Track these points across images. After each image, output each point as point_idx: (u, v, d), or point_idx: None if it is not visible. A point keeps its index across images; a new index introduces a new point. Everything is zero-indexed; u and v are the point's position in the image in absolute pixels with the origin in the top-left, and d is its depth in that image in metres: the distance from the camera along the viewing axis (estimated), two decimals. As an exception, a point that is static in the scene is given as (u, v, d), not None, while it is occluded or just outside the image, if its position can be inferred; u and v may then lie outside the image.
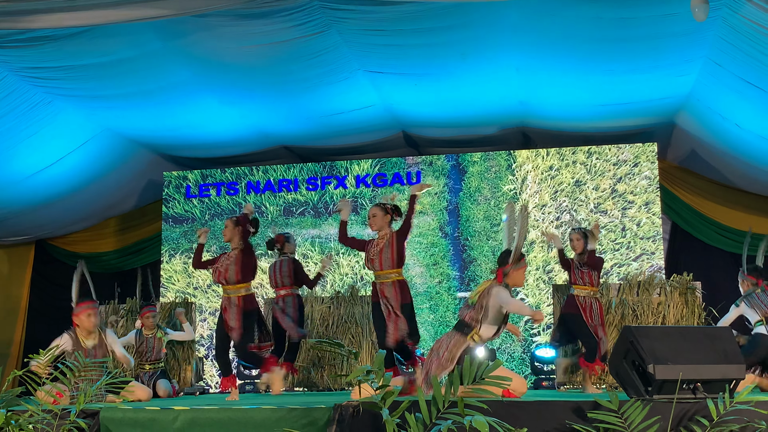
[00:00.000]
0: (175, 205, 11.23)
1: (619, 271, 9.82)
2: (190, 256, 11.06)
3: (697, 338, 4.68)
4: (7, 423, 4.53)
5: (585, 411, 4.32)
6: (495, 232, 10.32)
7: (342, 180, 10.88)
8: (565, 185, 10.26)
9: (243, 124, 9.79)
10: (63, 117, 8.83)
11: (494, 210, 10.41)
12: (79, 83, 8.09)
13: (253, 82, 8.53)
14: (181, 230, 11.15)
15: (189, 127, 9.73)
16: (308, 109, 9.31)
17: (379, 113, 9.52)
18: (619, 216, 10.04)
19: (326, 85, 8.60)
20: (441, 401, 3.92)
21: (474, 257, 10.34)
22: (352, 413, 4.45)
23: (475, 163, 10.58)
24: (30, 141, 8.88)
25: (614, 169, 10.15)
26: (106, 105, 8.79)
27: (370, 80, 8.56)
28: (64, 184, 10.09)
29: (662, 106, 9.05)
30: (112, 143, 9.94)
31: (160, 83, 8.32)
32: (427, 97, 8.99)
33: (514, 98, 9.03)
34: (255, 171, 11.13)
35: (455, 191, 10.58)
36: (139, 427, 4.71)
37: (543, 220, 10.24)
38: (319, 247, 10.71)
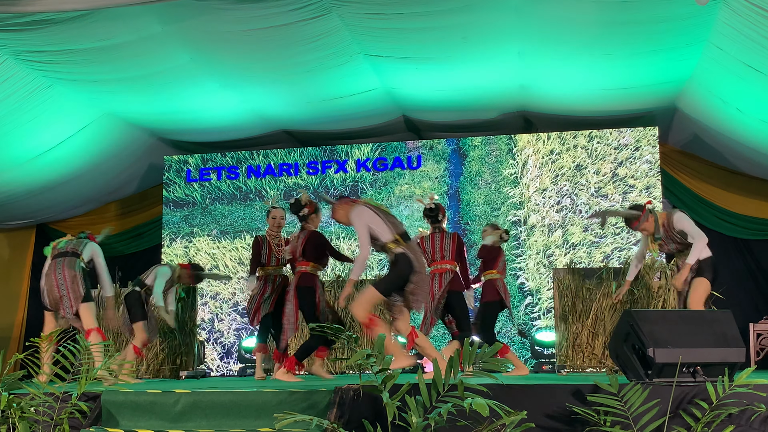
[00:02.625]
0: (176, 189, 11.23)
1: (620, 256, 9.83)
2: (190, 240, 11.08)
3: (696, 322, 4.69)
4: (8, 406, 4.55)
5: (585, 394, 4.33)
6: (495, 217, 10.32)
7: (342, 164, 10.87)
8: (566, 169, 10.25)
9: (243, 109, 9.77)
10: (63, 101, 8.81)
11: (495, 194, 10.41)
12: (79, 67, 8.06)
13: (253, 66, 8.50)
14: (181, 214, 11.16)
15: (189, 111, 9.72)
16: (308, 93, 9.29)
17: (379, 97, 9.50)
18: (620, 200, 10.04)
19: (327, 69, 8.58)
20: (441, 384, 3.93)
21: (475, 241, 10.34)
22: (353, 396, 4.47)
23: (476, 147, 10.58)
24: (30, 125, 8.86)
25: (615, 153, 10.14)
26: (106, 89, 8.77)
27: (371, 64, 8.54)
28: (64, 168, 10.09)
29: (663, 90, 9.03)
30: (113, 127, 9.93)
31: (160, 67, 8.30)
32: (427, 81, 8.97)
33: (515, 82, 9.01)
34: (255, 155, 11.12)
35: (456, 175, 10.57)
36: (140, 410, 4.72)
37: (544, 204, 10.23)
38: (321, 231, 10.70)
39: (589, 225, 10.05)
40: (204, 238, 11.07)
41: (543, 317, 9.96)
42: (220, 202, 11.14)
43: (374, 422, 4.15)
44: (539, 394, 4.47)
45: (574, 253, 10.01)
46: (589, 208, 10.09)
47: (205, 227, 11.11)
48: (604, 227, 7.88)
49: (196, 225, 11.15)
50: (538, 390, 4.50)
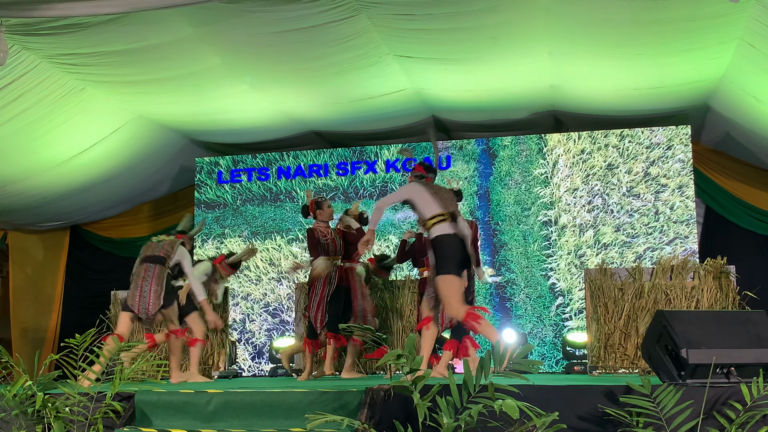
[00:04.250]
0: (207, 191, 11.32)
1: (652, 255, 9.75)
2: (222, 241, 11.16)
3: (730, 322, 4.65)
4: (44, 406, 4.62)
5: (617, 395, 4.31)
6: (526, 217, 10.28)
7: (372, 165, 10.89)
8: (597, 169, 10.19)
9: (273, 110, 9.82)
10: (96, 103, 8.91)
11: (525, 194, 10.37)
12: (112, 69, 8.14)
13: (283, 68, 8.54)
14: (213, 215, 11.25)
15: (220, 112, 9.78)
16: (338, 94, 9.31)
17: (409, 98, 9.50)
18: (652, 200, 9.96)
19: (356, 70, 8.59)
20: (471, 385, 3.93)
21: (505, 242, 10.31)
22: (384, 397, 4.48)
23: (506, 147, 10.54)
24: (63, 128, 8.97)
25: (647, 153, 10.05)
26: (138, 91, 8.85)
27: (400, 65, 8.54)
28: (97, 170, 10.20)
29: (695, 88, 8.94)
30: (145, 129, 10.02)
31: (191, 69, 8.36)
32: (457, 82, 8.95)
33: (546, 82, 8.96)
34: (285, 156, 11.18)
35: (485, 176, 10.55)
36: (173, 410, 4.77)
37: (575, 204, 10.18)
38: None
39: (620, 225, 9.99)
40: (235, 239, 11.14)
41: (574, 318, 9.90)
42: (251, 203, 11.21)
43: (405, 423, 4.16)
44: (571, 395, 4.45)
45: (606, 253, 9.94)
46: (620, 208, 10.02)
47: (236, 228, 11.19)
48: None
49: (228, 226, 11.23)
50: (569, 391, 4.48)
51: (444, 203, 5.84)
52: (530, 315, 10.07)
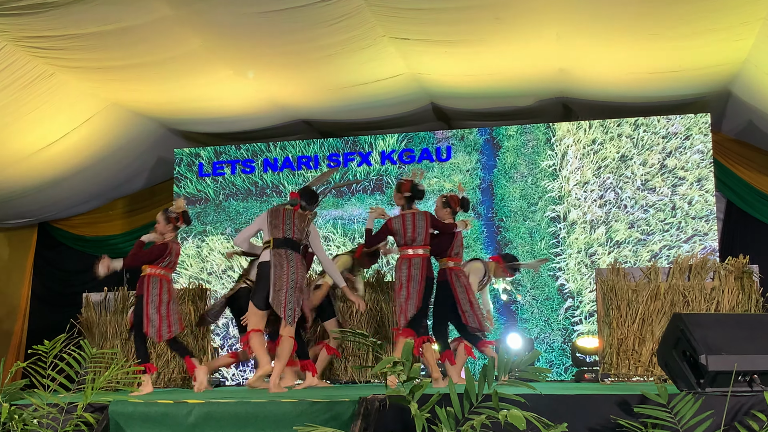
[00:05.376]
0: (187, 185, 11.31)
1: (669, 254, 9.76)
2: (203, 239, 11.15)
3: (753, 326, 4.65)
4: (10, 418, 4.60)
5: (631, 405, 4.31)
6: (532, 212, 10.28)
7: (366, 156, 10.88)
8: (609, 160, 10.20)
9: (259, 97, 9.80)
10: (66, 90, 8.89)
11: (531, 188, 10.37)
12: (83, 53, 8.13)
13: (270, 52, 8.53)
14: (193, 211, 11.22)
15: (201, 100, 9.77)
16: (329, 79, 9.30)
17: (406, 84, 9.50)
18: (668, 194, 9.97)
19: (348, 54, 8.58)
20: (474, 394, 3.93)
21: (510, 239, 10.32)
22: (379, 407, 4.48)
23: (511, 137, 10.54)
24: (31, 117, 8.95)
25: (663, 143, 10.06)
26: (112, 77, 8.84)
27: (396, 47, 8.53)
28: (67, 162, 10.18)
29: (716, 73, 8.95)
30: (119, 118, 10.00)
31: (170, 53, 8.34)
32: (458, 66, 8.95)
33: (554, 66, 8.97)
34: (272, 147, 11.16)
35: (489, 168, 10.55)
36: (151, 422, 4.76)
37: (585, 199, 10.18)
38: (342, 229, 10.74)
39: (635, 221, 10.00)
40: (218, 236, 11.13)
41: (585, 322, 9.91)
42: (235, 198, 11.19)
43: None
44: (581, 404, 4.46)
45: (619, 251, 9.95)
46: (634, 203, 10.03)
47: (219, 225, 11.18)
48: None
49: (209, 223, 11.21)
50: (579, 400, 4.49)
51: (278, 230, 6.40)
52: (537, 319, 10.08)
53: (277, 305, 6.22)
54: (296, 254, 6.34)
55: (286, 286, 6.22)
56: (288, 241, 6.33)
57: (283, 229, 6.37)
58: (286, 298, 6.21)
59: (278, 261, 6.25)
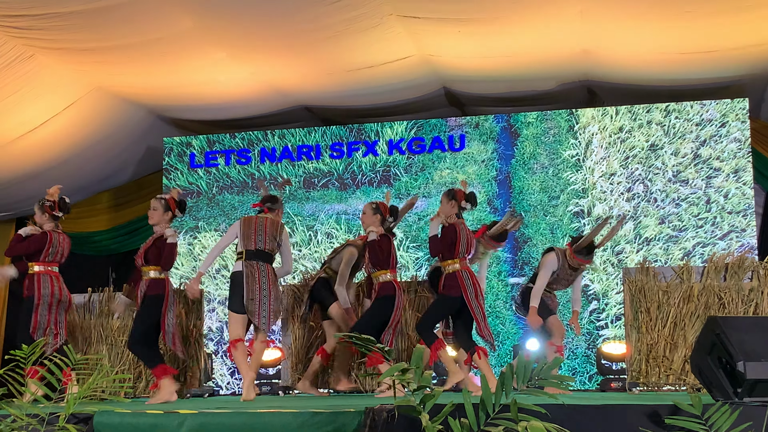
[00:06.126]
0: (178, 176, 11.32)
1: (703, 252, 9.74)
2: (195, 235, 11.16)
3: (796, 331, 4.64)
4: (-14, 429, 4.62)
5: (662, 416, 4.30)
6: (554, 207, 10.27)
7: (372, 146, 10.88)
8: (637, 150, 10.18)
9: (255, 82, 9.81)
10: (46, 74, 8.90)
11: (553, 180, 10.36)
12: (65, 34, 8.14)
13: (267, 32, 8.53)
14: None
15: (193, 84, 9.78)
16: (332, 62, 9.30)
17: (415, 66, 9.49)
18: (702, 186, 9.95)
19: (353, 34, 8.58)
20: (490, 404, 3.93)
21: (529, 236, 10.31)
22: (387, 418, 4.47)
23: (530, 124, 10.53)
24: (8, 102, 8.96)
25: (697, 131, 10.04)
26: (97, 59, 8.85)
27: (405, 27, 8.52)
28: (48, 152, 10.20)
29: (755, 53, 8.93)
30: (104, 104, 10.02)
31: (159, 34, 8.35)
32: (472, 47, 8.94)
33: (577, 47, 8.95)
34: (270, 136, 11.17)
35: (506, 158, 10.54)
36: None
37: (611, 191, 10.16)
38: (346, 225, 10.75)
39: (666, 216, 9.98)
40: (211, 233, 11.14)
41: (611, 326, 9.90)
42: (230, 191, 11.20)
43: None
44: (608, 416, 4.45)
45: (649, 249, 9.94)
46: (665, 196, 10.00)
47: (212, 220, 11.19)
48: None
49: (202, 218, 11.23)
50: (606, 411, 4.48)
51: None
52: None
53: (251, 313, 6.69)
54: (268, 265, 6.80)
55: (259, 295, 6.70)
56: (260, 252, 6.76)
57: (255, 240, 6.78)
58: (259, 306, 6.69)
59: (250, 271, 6.72)
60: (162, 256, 6.73)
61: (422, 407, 3.96)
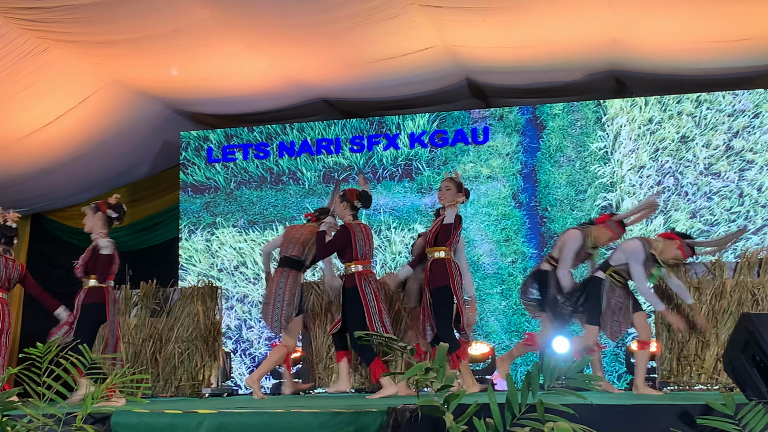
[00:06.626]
0: (195, 171, 11.36)
1: (736, 247, 9.69)
2: (212, 231, 11.20)
3: (833, 328, 4.61)
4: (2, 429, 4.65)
5: (693, 416, 4.29)
6: (581, 201, 10.23)
7: (393, 139, 10.88)
8: (668, 142, 10.13)
9: (274, 74, 9.83)
10: (61, 67, 8.95)
11: (580, 174, 10.32)
12: (80, 26, 8.18)
13: (286, 23, 8.54)
14: (202, 201, 11.29)
15: (210, 77, 9.81)
16: (352, 54, 9.31)
17: (437, 57, 9.48)
18: (735, 179, 9.90)
19: (373, 25, 8.58)
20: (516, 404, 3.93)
21: (555, 231, 10.28)
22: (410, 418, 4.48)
23: (556, 116, 10.50)
24: (22, 96, 9.02)
25: (729, 122, 9.99)
26: (112, 52, 8.89)
27: (427, 17, 8.52)
28: (63, 147, 10.26)
29: (790, 42, 8.87)
30: (120, 98, 10.07)
31: (175, 25, 8.38)
32: (496, 37, 8.93)
33: (605, 35, 8.92)
34: (289, 130, 11.19)
35: (531, 151, 10.51)
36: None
37: (641, 185, 10.12)
38: (367, 220, 10.75)
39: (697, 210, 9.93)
40: (229, 229, 11.18)
41: (640, 323, 9.86)
42: (248, 185, 11.23)
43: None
44: (638, 416, 4.44)
45: (679, 244, 9.89)
46: (696, 190, 9.95)
47: (230, 216, 11.22)
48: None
49: (220, 214, 11.26)
50: (636, 411, 4.47)
51: None
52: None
53: (264, 316, 7.18)
54: (293, 271, 7.16)
55: (273, 299, 7.08)
56: (287, 259, 7.19)
57: (287, 247, 7.25)
58: (272, 309, 7.07)
59: (274, 275, 7.21)
60: (97, 269, 6.56)
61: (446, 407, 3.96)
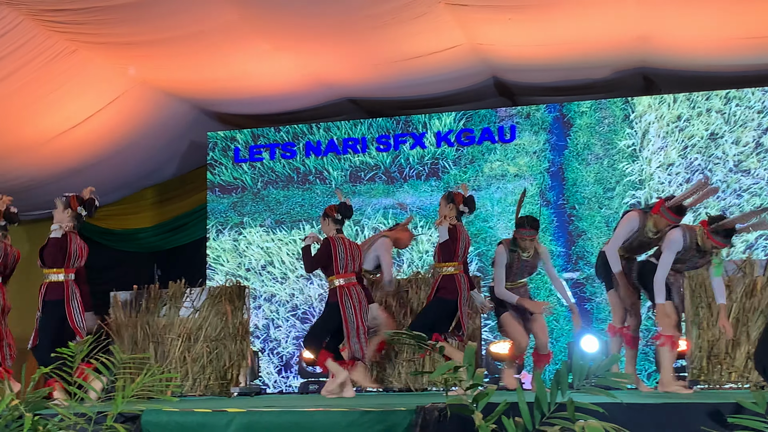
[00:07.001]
0: (222, 171, 11.41)
1: (766, 244, 9.63)
2: (240, 231, 11.24)
3: None
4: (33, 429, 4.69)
5: (724, 415, 4.27)
6: (609, 199, 10.19)
7: (419, 138, 10.88)
8: (697, 139, 10.08)
9: (300, 74, 9.85)
10: (90, 68, 9.02)
11: (608, 171, 10.28)
12: (108, 28, 8.23)
13: (312, 23, 8.56)
14: (229, 201, 11.34)
15: (237, 78, 9.84)
16: (378, 53, 9.32)
17: (464, 55, 9.47)
18: (765, 176, 9.84)
19: (400, 23, 8.58)
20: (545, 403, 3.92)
21: (583, 229, 10.25)
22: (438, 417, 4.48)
23: (584, 113, 10.46)
24: (52, 98, 9.09)
25: (759, 118, 9.93)
26: (140, 53, 8.94)
27: (453, 15, 8.51)
28: (91, 148, 10.33)
29: (821, 37, 8.80)
30: (147, 99, 10.12)
31: (202, 26, 8.41)
32: (523, 35, 8.91)
33: (633, 32, 8.88)
34: (315, 129, 11.21)
35: (559, 149, 10.48)
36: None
37: (670, 183, 10.07)
38: (393, 220, 10.75)
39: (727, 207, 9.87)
40: (256, 228, 11.22)
41: (670, 322, 9.81)
42: (275, 185, 11.26)
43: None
44: (668, 415, 4.43)
45: (708, 242, 9.83)
46: (726, 187, 9.89)
47: (258, 216, 11.26)
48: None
49: (247, 213, 11.31)
50: (666, 410, 4.46)
51: None
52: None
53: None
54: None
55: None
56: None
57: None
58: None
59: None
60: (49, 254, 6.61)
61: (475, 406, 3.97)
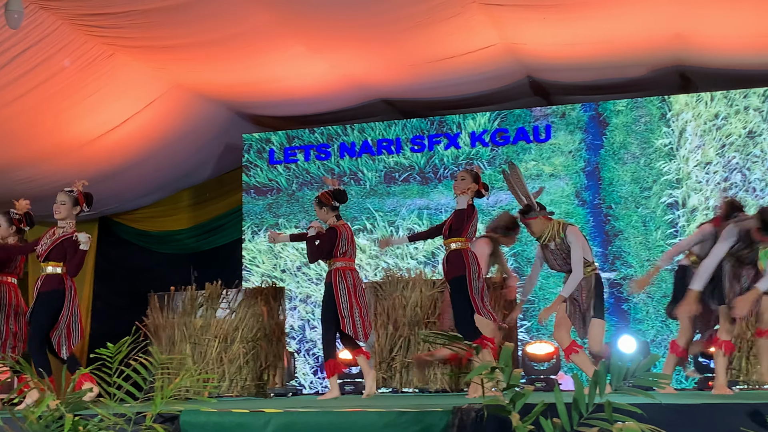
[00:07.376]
0: (258, 173, 11.46)
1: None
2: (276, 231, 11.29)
3: None
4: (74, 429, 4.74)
5: (764, 415, 4.24)
6: (646, 198, 10.14)
7: (454, 138, 10.87)
8: (734, 137, 10.00)
9: (334, 76, 9.88)
10: (126, 72, 9.10)
11: (645, 171, 10.22)
12: (144, 32, 8.30)
13: (346, 24, 8.58)
14: (264, 202, 11.39)
15: (271, 80, 9.89)
16: (412, 54, 9.32)
17: (498, 55, 9.46)
18: (804, 174, 9.76)
19: (433, 24, 8.59)
20: (584, 404, 3.91)
21: (620, 229, 10.20)
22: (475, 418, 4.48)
23: (620, 112, 10.41)
24: (89, 101, 9.18)
25: (798, 116, 9.85)
26: (176, 57, 9.01)
27: (488, 15, 8.50)
28: (128, 150, 10.42)
29: None
30: (183, 101, 10.19)
31: (237, 29, 8.46)
32: (558, 34, 8.88)
33: (670, 30, 8.82)
34: (349, 130, 11.24)
35: (595, 148, 10.43)
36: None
37: (707, 181, 10.00)
38: (428, 220, 10.76)
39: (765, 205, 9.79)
40: (291, 230, 11.25)
41: (708, 322, 9.74)
42: (309, 187, 11.30)
43: (502, 449, 4.17)
44: (706, 415, 4.40)
45: (747, 241, 9.75)
46: (765, 185, 9.80)
47: (293, 217, 11.31)
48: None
49: (282, 215, 11.36)
50: (705, 410, 4.43)
51: None
52: (653, 319, 9.94)
53: None
54: None
55: None
56: None
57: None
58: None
59: None
60: (69, 261, 6.57)
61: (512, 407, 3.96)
